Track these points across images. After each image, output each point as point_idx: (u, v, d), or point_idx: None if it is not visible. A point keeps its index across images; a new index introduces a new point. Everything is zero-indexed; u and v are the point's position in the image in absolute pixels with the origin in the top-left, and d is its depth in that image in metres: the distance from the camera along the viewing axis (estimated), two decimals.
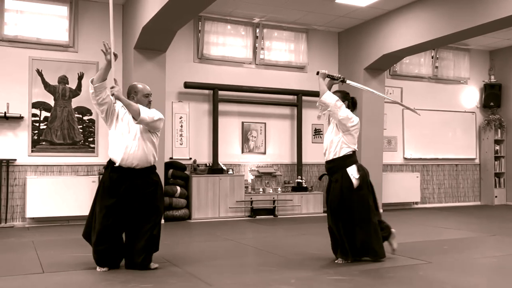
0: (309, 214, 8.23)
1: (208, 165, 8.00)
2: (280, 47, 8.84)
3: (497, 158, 10.32)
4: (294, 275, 3.84)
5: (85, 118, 7.43)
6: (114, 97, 3.97)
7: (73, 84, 7.36)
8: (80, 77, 7.39)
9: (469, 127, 10.38)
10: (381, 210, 8.65)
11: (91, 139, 7.44)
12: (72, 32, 7.38)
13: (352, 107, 4.55)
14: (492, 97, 10.34)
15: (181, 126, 8.02)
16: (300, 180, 8.50)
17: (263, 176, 8.31)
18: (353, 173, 4.29)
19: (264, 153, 8.64)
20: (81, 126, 7.40)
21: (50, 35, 7.29)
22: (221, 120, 8.21)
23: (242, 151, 8.49)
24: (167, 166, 7.52)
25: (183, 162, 7.82)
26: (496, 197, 10.20)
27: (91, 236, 3.99)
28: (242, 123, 8.51)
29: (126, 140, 4.00)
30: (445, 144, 10.08)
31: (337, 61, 9.26)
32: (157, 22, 6.12)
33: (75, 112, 7.37)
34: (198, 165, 7.91)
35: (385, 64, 8.56)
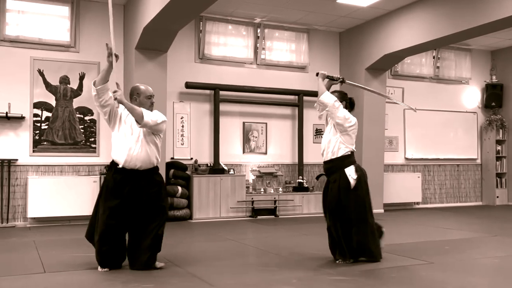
0: (310, 214, 8.23)
1: (209, 165, 8.00)
2: (281, 47, 8.84)
3: (499, 158, 10.31)
4: (295, 275, 3.84)
5: (87, 118, 7.43)
6: (117, 101, 3.97)
7: (75, 84, 7.37)
8: (82, 77, 7.40)
9: (471, 127, 10.37)
10: (382, 210, 8.71)
11: (93, 139, 7.45)
12: (74, 32, 7.39)
13: (350, 108, 4.55)
14: (494, 97, 10.33)
15: (182, 126, 8.02)
16: (301, 180, 8.50)
17: (264, 176, 8.31)
18: (351, 174, 4.29)
19: (265, 153, 8.64)
20: (83, 126, 7.40)
21: (52, 35, 7.30)
22: (222, 120, 8.22)
23: (243, 151, 8.50)
24: (168, 166, 7.52)
25: (184, 162, 7.82)
26: (498, 198, 10.19)
27: (94, 237, 3.99)
28: (243, 123, 8.51)
29: (129, 142, 4.01)
30: (447, 144, 10.07)
31: (338, 61, 9.26)
32: (158, 22, 6.12)
33: (77, 112, 7.37)
34: (199, 165, 7.91)
35: (387, 64, 8.55)
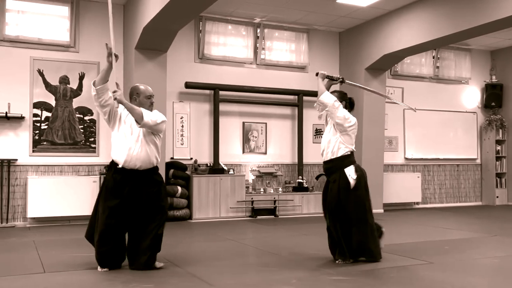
0: (310, 214, 8.23)
1: (209, 165, 8.00)
2: (281, 47, 8.84)
3: (499, 158, 10.31)
4: (295, 275, 3.84)
5: (86, 118, 7.43)
6: (117, 101, 3.96)
7: (74, 84, 7.37)
8: (81, 77, 7.40)
9: (470, 127, 10.37)
10: (382, 210, 8.71)
11: (92, 139, 7.44)
12: (73, 32, 7.38)
13: (350, 107, 4.55)
14: (494, 97, 10.33)
15: (182, 126, 8.02)
16: (301, 180, 8.50)
17: (264, 176, 8.31)
18: (351, 174, 4.29)
19: (265, 153, 8.64)
20: (82, 126, 7.40)
21: (51, 35, 7.29)
22: (222, 120, 8.22)
23: (243, 151, 8.49)
24: (168, 166, 7.52)
25: (184, 162, 7.82)
26: (498, 198, 10.19)
27: (94, 237, 3.99)
28: (243, 123, 8.51)
29: (129, 142, 4.00)
30: (446, 144, 10.08)
31: (338, 61, 9.26)
32: (158, 22, 6.12)
33: (76, 112, 7.37)
34: (199, 165, 7.91)
35: (386, 64, 8.55)
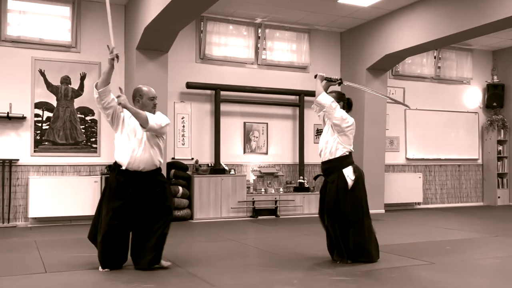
0: (311, 215, 8.21)
1: (210, 165, 8.00)
2: (282, 47, 8.83)
3: (500, 159, 10.30)
4: (296, 276, 3.84)
5: (88, 118, 7.44)
6: (121, 106, 3.96)
7: (76, 85, 7.38)
8: (83, 78, 7.40)
9: (472, 128, 10.36)
10: (383, 211, 8.70)
11: (94, 139, 7.45)
12: (75, 33, 7.39)
13: (348, 108, 4.55)
14: (495, 97, 10.32)
15: (183, 127, 8.02)
16: (302, 181, 8.50)
17: (265, 177, 8.31)
18: (349, 174, 4.29)
19: (266, 153, 8.64)
20: (84, 126, 7.41)
21: (53, 36, 7.30)
22: (223, 120, 8.22)
23: (244, 151, 8.49)
24: (169, 166, 7.53)
25: (185, 162, 7.82)
26: (499, 198, 10.18)
27: (97, 238, 3.99)
28: (244, 123, 8.51)
29: (133, 144, 4.01)
30: (448, 145, 10.06)
31: (339, 61, 9.26)
32: (159, 23, 6.12)
33: (78, 112, 7.38)
34: (200, 165, 7.91)
35: (388, 64, 8.54)
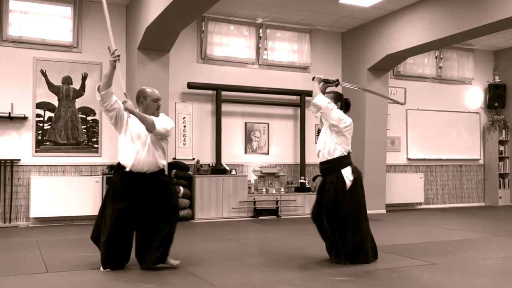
0: None
1: (211, 166, 8.01)
2: (283, 48, 8.83)
3: (502, 159, 10.28)
4: (297, 276, 3.84)
5: (89, 119, 7.44)
6: (128, 112, 3.98)
7: (77, 85, 7.38)
8: (84, 78, 7.41)
9: (473, 128, 10.35)
10: (384, 211, 8.70)
11: (95, 139, 7.46)
12: (76, 33, 7.40)
13: (346, 108, 4.55)
14: (497, 98, 10.30)
15: (185, 127, 8.03)
16: (303, 181, 8.49)
17: (266, 177, 8.30)
18: (348, 175, 4.29)
19: (267, 154, 8.64)
20: (85, 127, 7.41)
21: (54, 36, 7.31)
22: (224, 121, 8.22)
23: (245, 152, 8.49)
24: (170, 166, 7.53)
25: (186, 163, 7.82)
26: (501, 198, 10.17)
27: (100, 238, 3.99)
28: (245, 124, 8.51)
29: (136, 146, 4.02)
30: (449, 145, 10.06)
31: (341, 62, 9.25)
32: (161, 23, 6.13)
33: (79, 113, 7.38)
34: (201, 166, 7.91)
35: (389, 65, 8.54)
